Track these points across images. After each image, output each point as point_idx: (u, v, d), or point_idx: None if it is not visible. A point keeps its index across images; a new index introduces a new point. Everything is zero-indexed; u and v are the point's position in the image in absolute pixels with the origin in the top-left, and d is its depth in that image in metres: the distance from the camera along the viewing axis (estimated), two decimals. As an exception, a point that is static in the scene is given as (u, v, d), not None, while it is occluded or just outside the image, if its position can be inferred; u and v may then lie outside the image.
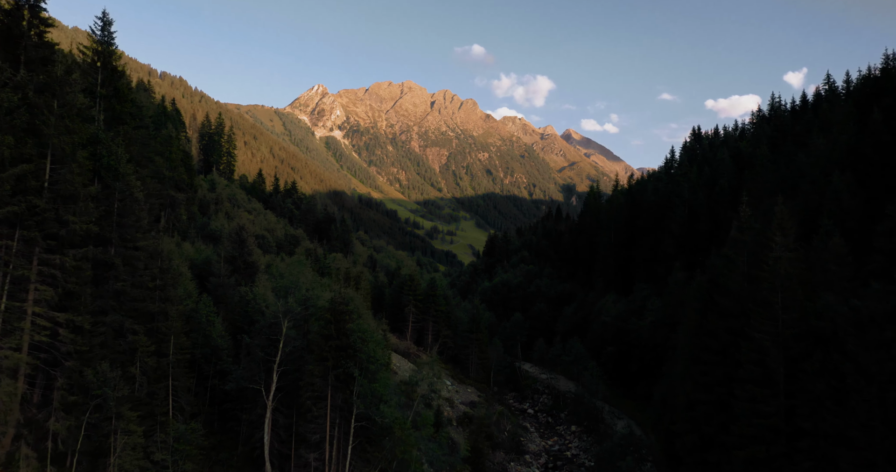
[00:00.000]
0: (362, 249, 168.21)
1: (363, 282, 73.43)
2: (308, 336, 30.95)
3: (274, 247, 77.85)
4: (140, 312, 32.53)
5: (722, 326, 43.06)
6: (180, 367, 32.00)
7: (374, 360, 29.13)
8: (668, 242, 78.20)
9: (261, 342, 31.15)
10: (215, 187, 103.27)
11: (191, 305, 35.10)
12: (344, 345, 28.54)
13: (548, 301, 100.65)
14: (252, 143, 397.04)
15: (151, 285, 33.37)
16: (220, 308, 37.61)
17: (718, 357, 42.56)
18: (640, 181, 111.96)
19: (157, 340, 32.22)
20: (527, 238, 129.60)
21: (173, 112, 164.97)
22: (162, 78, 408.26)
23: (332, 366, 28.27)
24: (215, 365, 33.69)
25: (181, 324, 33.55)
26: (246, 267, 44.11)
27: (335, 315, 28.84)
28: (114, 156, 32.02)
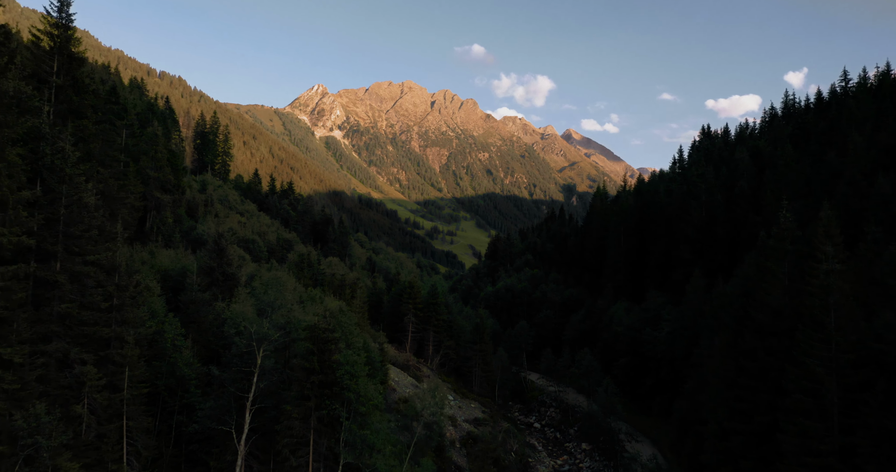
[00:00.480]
0: (361, 251, 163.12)
1: (359, 290, 68.41)
2: (289, 368, 25.92)
3: (265, 252, 72.81)
4: (90, 338, 27.44)
5: (761, 346, 37.97)
6: (137, 403, 26.91)
7: (365, 400, 24.07)
8: (684, 246, 73.10)
9: (232, 375, 26.13)
10: (206, 188, 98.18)
11: (154, 327, 30.00)
12: (329, 381, 23.56)
13: (554, 307, 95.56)
14: (251, 143, 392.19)
15: (105, 305, 28.27)
16: (192, 329, 32.61)
17: (757, 382, 37.47)
18: (650, 182, 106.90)
19: (110, 371, 27.14)
20: (530, 240, 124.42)
21: (167, 110, 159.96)
22: (161, 77, 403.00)
23: (314, 406, 23.29)
24: (181, 398, 28.62)
25: (141, 351, 28.45)
26: (225, 279, 39.05)
27: (318, 344, 23.82)
28: (60, 154, 26.88)
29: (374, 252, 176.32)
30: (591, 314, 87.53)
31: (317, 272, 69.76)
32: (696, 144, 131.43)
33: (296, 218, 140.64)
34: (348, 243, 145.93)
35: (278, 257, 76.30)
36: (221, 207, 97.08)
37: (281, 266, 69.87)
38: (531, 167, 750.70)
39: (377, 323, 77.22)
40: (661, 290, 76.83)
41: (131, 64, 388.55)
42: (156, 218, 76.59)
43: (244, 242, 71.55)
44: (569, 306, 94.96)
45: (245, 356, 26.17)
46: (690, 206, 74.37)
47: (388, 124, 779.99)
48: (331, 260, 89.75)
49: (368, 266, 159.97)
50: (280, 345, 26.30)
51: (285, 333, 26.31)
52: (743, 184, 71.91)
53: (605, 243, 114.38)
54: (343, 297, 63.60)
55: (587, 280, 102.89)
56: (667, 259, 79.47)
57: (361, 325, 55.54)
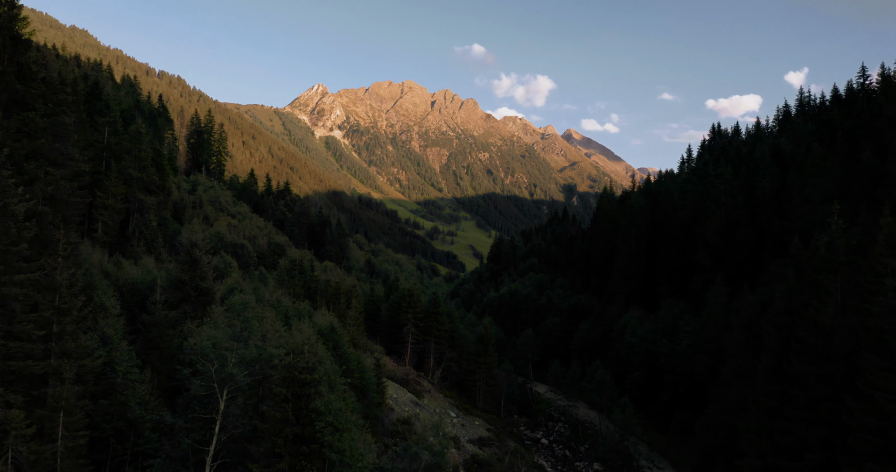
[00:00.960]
0: (360, 253, 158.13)
1: (355, 300, 63.40)
2: (258, 416, 20.87)
3: (254, 258, 67.77)
4: (19, 375, 22.45)
5: (811, 372, 32.96)
6: (74, 456, 21.91)
7: (352, 460, 18.90)
8: (703, 252, 68.03)
9: (189, 423, 21.17)
10: (196, 189, 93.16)
11: (105, 356, 24.96)
12: (306, 435, 18.63)
13: (561, 314, 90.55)
14: (251, 142, 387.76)
15: (40, 334, 23.26)
16: (153, 358, 27.69)
17: (809, 414, 32.46)
18: (659, 182, 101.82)
19: (42, 416, 22.12)
20: (535, 243, 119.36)
21: (160, 108, 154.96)
22: (160, 77, 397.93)
23: (287, 468, 18.36)
24: (134, 445, 23.63)
25: (84, 388, 23.45)
26: (198, 295, 34.00)
27: (294, 389, 18.86)
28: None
29: (373, 254, 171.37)
30: (601, 322, 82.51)
31: (310, 280, 64.77)
32: (706, 143, 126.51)
33: (292, 219, 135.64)
34: (346, 245, 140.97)
35: (269, 262, 71.28)
36: (212, 208, 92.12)
37: (271, 273, 64.82)
38: (531, 167, 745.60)
39: (375, 333, 72.23)
40: (677, 298, 71.81)
41: (130, 63, 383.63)
42: (139, 221, 71.60)
43: (232, 247, 66.54)
44: (577, 313, 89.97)
45: (205, 399, 21.22)
46: (708, 208, 69.30)
47: (388, 124, 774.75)
48: (326, 265, 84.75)
49: (367, 269, 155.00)
50: (249, 384, 21.34)
51: (255, 370, 21.32)
52: (765, 185, 66.87)
53: (614, 246, 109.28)
54: (337, 307, 58.64)
55: (595, 285, 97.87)
56: (682, 265, 74.44)
57: (356, 339, 50.59)
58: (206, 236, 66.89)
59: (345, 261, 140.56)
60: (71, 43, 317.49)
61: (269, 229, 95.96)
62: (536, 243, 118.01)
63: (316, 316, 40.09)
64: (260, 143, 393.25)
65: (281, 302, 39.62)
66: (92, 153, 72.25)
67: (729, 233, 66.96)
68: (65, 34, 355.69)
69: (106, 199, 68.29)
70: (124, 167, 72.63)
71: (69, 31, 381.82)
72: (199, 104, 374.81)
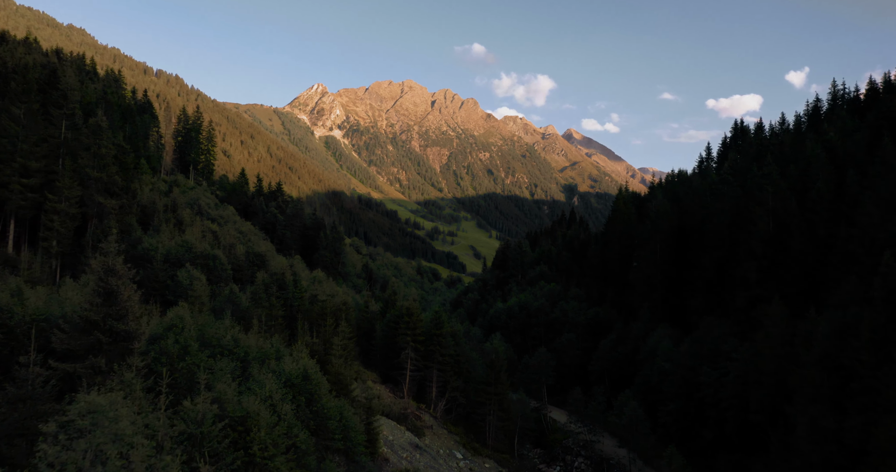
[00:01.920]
0: (357, 257, 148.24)
1: (344, 322, 53.43)
2: None
3: (228, 271, 57.78)
4: None
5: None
6: None
7: None
8: (748, 264, 58.05)
9: None
10: (173, 190, 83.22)
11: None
12: None
13: (576, 330, 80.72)
14: (249, 142, 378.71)
15: None
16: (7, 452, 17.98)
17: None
18: (684, 180, 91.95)
19: None
20: (544, 248, 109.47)
21: (145, 104, 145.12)
22: (158, 76, 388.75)
23: None
24: None
25: None
26: (114, 341, 24.09)
27: None
28: None
29: (370, 258, 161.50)
30: (624, 341, 72.65)
31: (292, 297, 54.90)
32: (728, 141, 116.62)
33: (283, 222, 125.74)
34: (341, 250, 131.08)
35: (247, 275, 61.33)
36: (190, 212, 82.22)
37: (246, 290, 54.87)
38: (532, 167, 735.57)
39: (369, 356, 62.33)
40: (716, 315, 61.89)
41: (128, 62, 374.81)
42: (97, 228, 61.68)
43: (202, 258, 56.58)
44: (595, 329, 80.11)
45: None
46: (754, 213, 59.29)
47: (388, 124, 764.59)
48: (316, 275, 74.88)
49: (364, 274, 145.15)
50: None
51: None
52: (821, 186, 56.95)
53: (630, 252, 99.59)
54: (323, 331, 48.75)
55: (612, 296, 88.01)
56: (720, 277, 64.56)
57: (343, 375, 40.69)
58: (173, 245, 56.95)
59: (340, 266, 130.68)
60: (68, 42, 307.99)
61: (253, 235, 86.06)
62: (546, 249, 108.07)
63: (286, 361, 30.29)
64: (258, 142, 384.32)
65: (239, 343, 29.95)
66: (45, 149, 62.28)
67: (779, 242, 57.06)
68: (62, 33, 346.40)
69: (57, 202, 58.42)
70: (81, 166, 62.71)
71: (66, 29, 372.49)
72: (197, 103, 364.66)
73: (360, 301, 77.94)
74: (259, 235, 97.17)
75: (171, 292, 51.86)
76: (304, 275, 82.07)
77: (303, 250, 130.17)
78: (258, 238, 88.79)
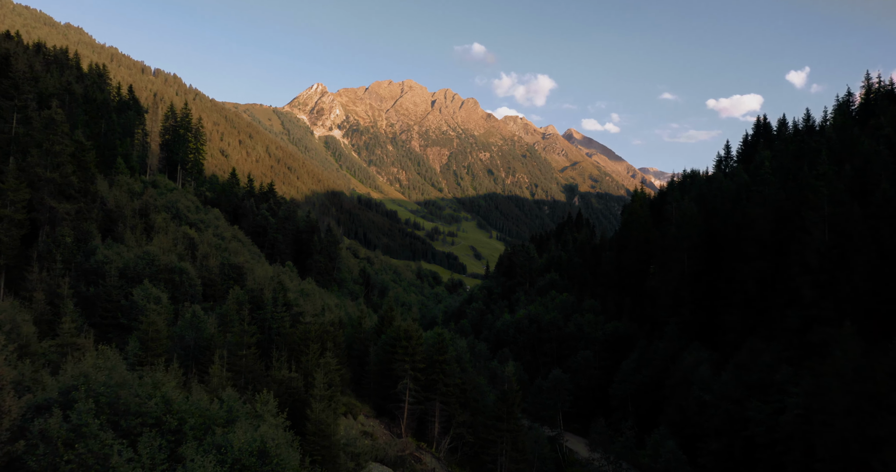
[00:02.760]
0: (353, 262, 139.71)
1: (332, 346, 44.95)
2: None
3: (198, 288, 49.26)
4: None
5: None
6: None
7: None
8: (803, 278, 49.51)
9: None
10: (145, 192, 74.64)
11: None
12: None
13: (593, 346, 72.27)
14: (247, 141, 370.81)
15: None
16: None
17: None
18: (710, 181, 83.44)
19: None
20: (553, 254, 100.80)
21: (130, 101, 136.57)
22: (155, 75, 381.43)
23: None
24: None
25: None
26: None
27: None
28: None
29: (368, 262, 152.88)
30: (649, 361, 64.16)
31: (272, 317, 46.50)
32: (749, 139, 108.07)
33: (275, 226, 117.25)
34: (337, 255, 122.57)
35: (221, 291, 52.79)
36: (165, 216, 73.69)
37: (216, 310, 46.33)
38: (533, 167, 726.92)
39: (362, 386, 53.77)
40: (759, 336, 53.37)
41: (125, 61, 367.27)
42: (49, 237, 53.26)
43: (168, 272, 48.10)
44: (614, 346, 71.65)
45: None
46: (807, 220, 50.73)
47: (388, 124, 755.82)
48: (304, 288, 66.36)
49: (362, 280, 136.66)
50: None
51: None
52: (886, 189, 48.46)
53: (649, 259, 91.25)
54: (305, 361, 40.33)
55: (631, 308, 79.55)
56: (763, 292, 56.10)
57: (326, 427, 32.28)
58: (132, 257, 48.40)
59: (335, 272, 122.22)
60: (64, 40, 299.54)
61: (234, 242, 77.47)
62: (555, 255, 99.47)
63: (238, 428, 21.84)
64: (257, 142, 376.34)
65: (172, 406, 21.49)
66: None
67: (839, 254, 48.57)
68: (59, 31, 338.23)
69: (1, 206, 50.12)
70: (29, 165, 54.25)
71: (63, 28, 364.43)
72: (195, 103, 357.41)
73: (353, 315, 69.40)
74: (245, 240, 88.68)
75: (125, 314, 43.43)
76: (293, 285, 73.63)
77: (296, 254, 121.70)
78: (243, 245, 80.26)
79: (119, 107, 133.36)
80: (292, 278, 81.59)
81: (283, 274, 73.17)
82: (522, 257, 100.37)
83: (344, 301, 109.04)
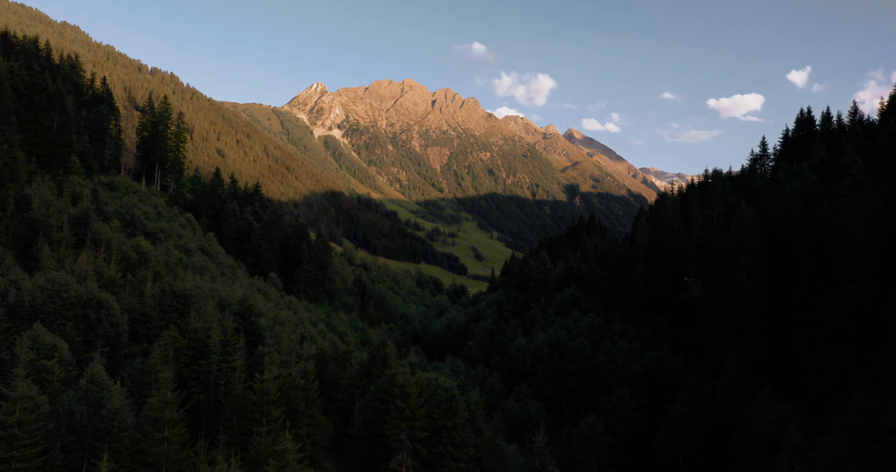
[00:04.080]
0: (348, 269, 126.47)
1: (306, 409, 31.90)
2: None
3: (123, 328, 36.05)
4: None
5: None
6: None
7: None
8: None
9: None
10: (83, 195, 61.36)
11: None
12: None
13: (629, 382, 59.11)
14: (245, 141, 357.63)
15: None
16: None
17: None
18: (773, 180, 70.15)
19: None
20: (572, 265, 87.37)
21: (103, 94, 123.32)
22: (152, 74, 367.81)
23: None
24: None
25: None
26: None
27: None
28: None
29: (364, 269, 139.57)
30: (704, 405, 51.02)
31: (220, 372, 33.49)
32: (790, 135, 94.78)
33: (260, 231, 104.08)
34: (328, 264, 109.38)
35: (157, 329, 39.58)
36: (117, 224, 60.54)
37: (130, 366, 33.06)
38: (533, 167, 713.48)
39: (343, 453, 40.50)
40: (859, 384, 40.24)
41: (121, 59, 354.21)
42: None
43: (80, 307, 35.04)
44: (655, 382, 58.57)
45: None
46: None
47: (388, 123, 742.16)
48: (278, 315, 53.05)
49: (357, 289, 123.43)
50: None
51: None
52: None
53: (683, 272, 78.70)
54: (258, 440, 27.40)
55: (668, 331, 66.48)
56: (858, 325, 43.00)
57: None
58: (31, 287, 35.16)
59: (326, 283, 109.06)
60: (60, 39, 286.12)
61: (199, 254, 64.15)
62: (574, 266, 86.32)
63: None
64: (255, 141, 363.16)
65: None
66: None
67: None
68: (54, 30, 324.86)
69: None
70: None
71: (59, 26, 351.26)
72: (192, 102, 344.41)
73: (339, 346, 56.21)
74: (218, 251, 75.48)
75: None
76: (268, 308, 60.39)
77: (283, 263, 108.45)
78: (211, 258, 66.97)
79: (92, 100, 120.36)
80: (269, 298, 68.42)
81: (257, 294, 59.81)
82: (536, 267, 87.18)
83: (335, 317, 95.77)
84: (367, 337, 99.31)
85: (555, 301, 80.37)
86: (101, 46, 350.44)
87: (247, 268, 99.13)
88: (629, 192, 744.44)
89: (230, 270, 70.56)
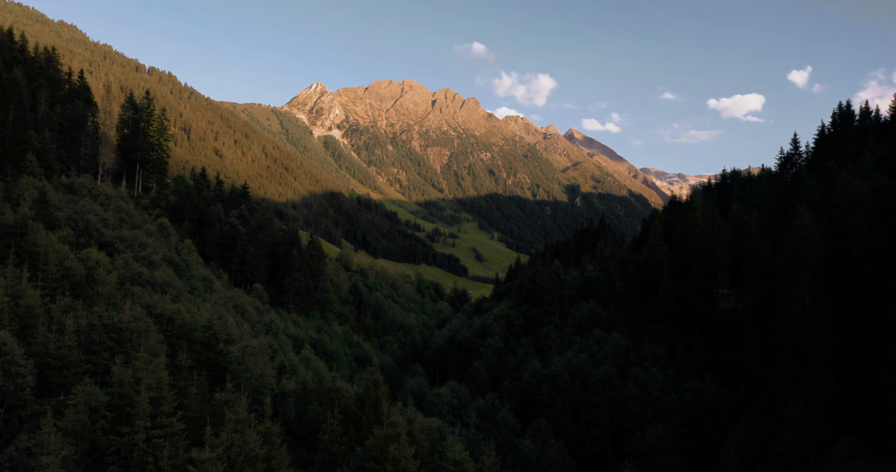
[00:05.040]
0: (343, 276, 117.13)
1: None
2: None
3: (28, 380, 26.89)
4: None
5: None
6: None
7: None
8: None
9: None
10: (47, 198, 52.21)
11: None
12: None
13: (665, 418, 49.83)
14: (243, 141, 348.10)
15: None
16: None
17: None
18: (823, 182, 60.81)
19: None
20: (589, 276, 77.92)
21: (80, 88, 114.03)
22: (150, 73, 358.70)
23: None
24: None
25: None
26: None
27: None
28: None
29: (361, 275, 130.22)
30: (764, 453, 41.74)
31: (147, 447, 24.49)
32: (826, 132, 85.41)
33: (247, 237, 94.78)
34: (321, 271, 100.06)
35: (74, 377, 30.16)
36: (68, 232, 51.26)
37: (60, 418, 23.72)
38: (534, 167, 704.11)
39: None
40: None
41: (118, 59, 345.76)
42: None
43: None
44: (697, 419, 49.30)
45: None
46: None
47: (388, 124, 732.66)
48: (249, 345, 43.80)
49: (353, 298, 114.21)
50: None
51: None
52: None
53: (715, 283, 69.82)
54: None
55: (705, 355, 57.25)
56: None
57: None
58: None
59: (319, 293, 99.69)
60: (57, 38, 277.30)
61: (166, 268, 54.77)
62: (593, 277, 77.03)
63: None
64: (253, 142, 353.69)
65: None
66: None
67: None
68: (51, 29, 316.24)
69: None
70: None
71: (56, 26, 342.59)
72: (190, 102, 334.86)
73: (325, 380, 46.96)
74: (190, 261, 66.14)
75: None
76: (244, 330, 51.17)
77: (271, 271, 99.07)
78: (178, 271, 57.60)
79: (68, 95, 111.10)
80: (247, 316, 59.09)
81: (231, 314, 50.51)
82: (550, 280, 77.89)
83: (326, 331, 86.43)
84: (363, 353, 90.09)
85: (571, 317, 71.07)
86: (98, 46, 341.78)
87: (231, 277, 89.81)
88: (630, 192, 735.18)
89: (204, 283, 61.32)
